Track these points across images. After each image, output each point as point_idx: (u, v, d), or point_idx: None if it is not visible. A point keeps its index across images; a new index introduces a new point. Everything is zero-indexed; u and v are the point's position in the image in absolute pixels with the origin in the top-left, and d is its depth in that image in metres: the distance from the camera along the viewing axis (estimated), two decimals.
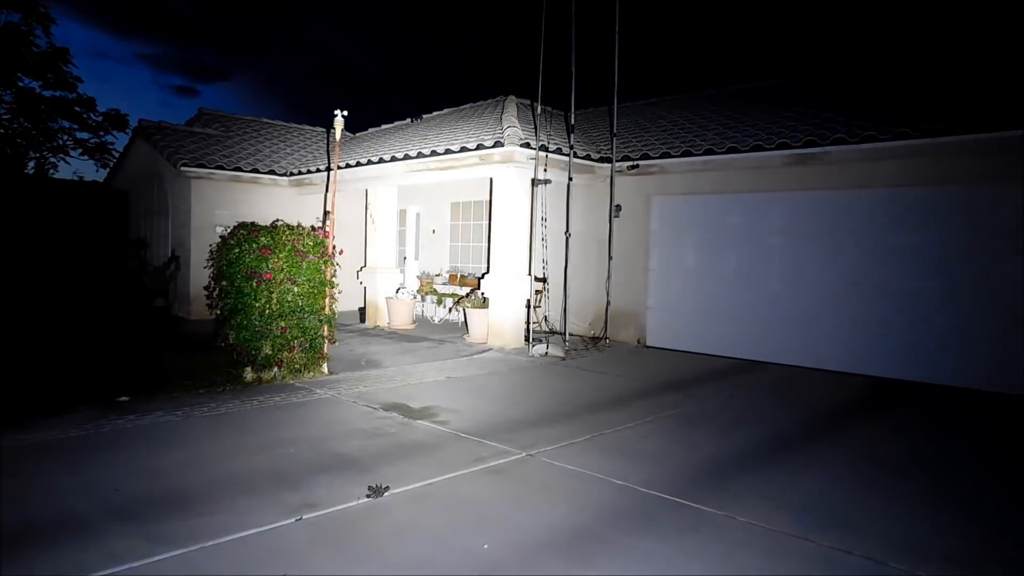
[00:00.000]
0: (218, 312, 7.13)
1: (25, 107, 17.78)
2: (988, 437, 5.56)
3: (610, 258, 10.17)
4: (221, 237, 7.34)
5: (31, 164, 18.59)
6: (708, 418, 5.99)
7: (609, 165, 10.22)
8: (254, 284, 6.74)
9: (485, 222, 12.44)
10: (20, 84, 17.52)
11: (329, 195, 7.80)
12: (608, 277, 10.15)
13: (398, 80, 63.83)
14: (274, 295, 6.80)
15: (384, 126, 15.32)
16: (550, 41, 9.80)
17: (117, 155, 18.40)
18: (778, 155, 8.50)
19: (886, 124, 7.73)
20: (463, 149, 9.54)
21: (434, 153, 10.03)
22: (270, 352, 6.87)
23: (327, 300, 7.30)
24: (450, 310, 12.18)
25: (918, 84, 9.23)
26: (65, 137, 18.90)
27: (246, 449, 4.75)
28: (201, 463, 4.40)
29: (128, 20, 60.43)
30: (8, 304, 11.77)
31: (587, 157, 10.27)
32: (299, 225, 7.25)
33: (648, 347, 10.05)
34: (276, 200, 13.16)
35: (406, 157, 10.54)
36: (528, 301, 9.94)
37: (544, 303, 11.01)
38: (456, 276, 12.69)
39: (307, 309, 7.05)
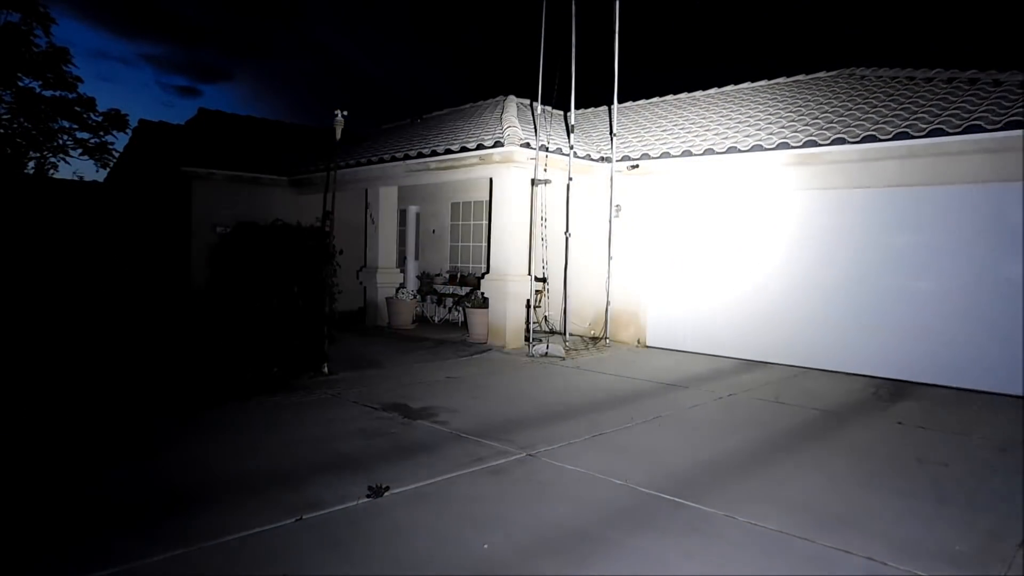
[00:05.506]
0: (217, 312, 7.12)
1: (25, 107, 17.75)
2: (989, 438, 5.56)
3: (610, 258, 10.17)
4: (221, 237, 7.34)
5: (31, 164, 18.56)
6: (708, 418, 5.99)
7: (609, 165, 10.22)
8: (254, 284, 6.73)
9: (485, 222, 12.44)
10: (20, 84, 17.49)
11: (329, 195, 7.78)
12: (608, 277, 10.15)
13: (399, 80, 63.89)
14: (275, 295, 6.80)
15: (384, 126, 15.32)
16: (550, 41, 9.81)
17: (117, 155, 18.37)
18: (778, 155, 8.49)
19: (886, 124, 7.73)
20: (463, 149, 9.54)
21: (434, 153, 10.03)
22: (270, 352, 6.87)
23: (327, 300, 7.30)
24: (450, 310, 12.18)
25: (918, 83, 9.22)
26: (65, 137, 18.84)
27: (245, 449, 4.75)
28: (199, 463, 4.40)
29: (131, 20, 60.48)
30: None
31: (587, 157, 10.26)
32: (299, 225, 7.26)
33: (648, 347, 10.04)
34: (276, 200, 13.13)
35: (406, 157, 10.54)
36: (528, 301, 9.93)
37: (544, 303, 11.01)
38: (456, 276, 12.69)
39: (307, 309, 7.04)
